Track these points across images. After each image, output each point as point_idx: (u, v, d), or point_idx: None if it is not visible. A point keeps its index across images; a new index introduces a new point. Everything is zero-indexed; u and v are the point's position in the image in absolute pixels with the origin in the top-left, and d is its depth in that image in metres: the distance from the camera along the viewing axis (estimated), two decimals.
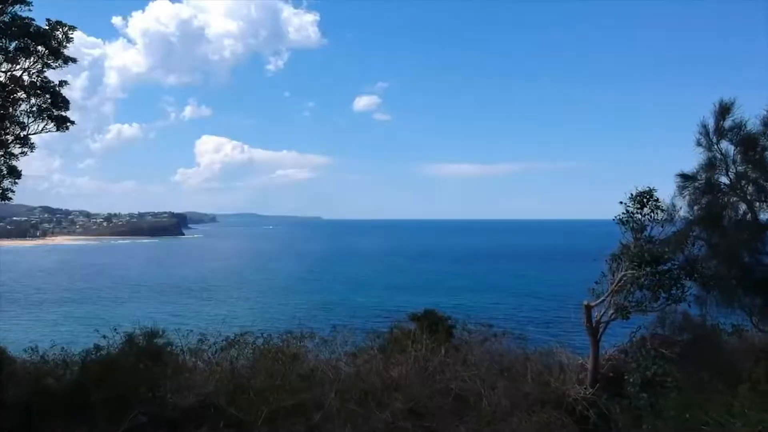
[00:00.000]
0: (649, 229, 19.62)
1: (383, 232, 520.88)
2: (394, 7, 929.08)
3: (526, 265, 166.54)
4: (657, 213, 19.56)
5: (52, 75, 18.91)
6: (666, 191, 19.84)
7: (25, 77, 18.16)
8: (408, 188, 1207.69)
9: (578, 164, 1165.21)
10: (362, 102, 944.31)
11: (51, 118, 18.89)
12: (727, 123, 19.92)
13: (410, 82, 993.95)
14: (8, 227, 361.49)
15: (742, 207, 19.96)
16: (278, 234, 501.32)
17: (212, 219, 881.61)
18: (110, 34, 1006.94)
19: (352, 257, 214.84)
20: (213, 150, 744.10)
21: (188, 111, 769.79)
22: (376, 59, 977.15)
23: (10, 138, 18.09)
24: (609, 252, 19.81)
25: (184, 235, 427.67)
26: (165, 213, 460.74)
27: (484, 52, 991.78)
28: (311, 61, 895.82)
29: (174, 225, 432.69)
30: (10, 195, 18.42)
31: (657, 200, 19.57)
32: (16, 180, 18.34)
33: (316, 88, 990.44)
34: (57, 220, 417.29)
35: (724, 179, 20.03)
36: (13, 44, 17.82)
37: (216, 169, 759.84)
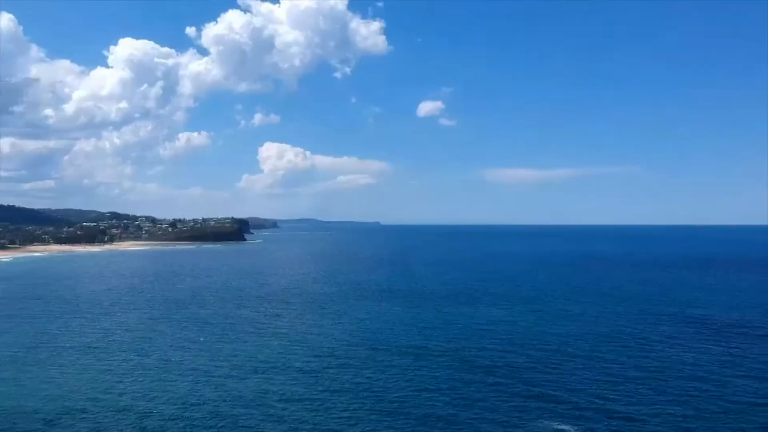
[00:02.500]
0: None
1: (470, 238, 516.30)
2: (458, 12, 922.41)
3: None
4: None
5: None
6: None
7: None
8: (467, 193, 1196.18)
9: (636, 169, 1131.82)
10: (426, 107, 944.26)
11: None
12: None
13: (475, 86, 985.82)
14: (78, 232, 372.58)
15: None
16: (377, 239, 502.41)
17: (273, 224, 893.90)
18: (183, 44, 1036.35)
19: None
20: (276, 156, 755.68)
21: (257, 118, 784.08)
22: (441, 64, 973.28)
23: None
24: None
25: (245, 240, 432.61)
26: (228, 219, 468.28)
27: (548, 55, 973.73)
28: (377, 67, 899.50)
29: (236, 230, 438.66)
30: None
31: None
32: None
33: (381, 94, 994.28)
34: (124, 226, 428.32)
35: None
36: None
37: (279, 175, 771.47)
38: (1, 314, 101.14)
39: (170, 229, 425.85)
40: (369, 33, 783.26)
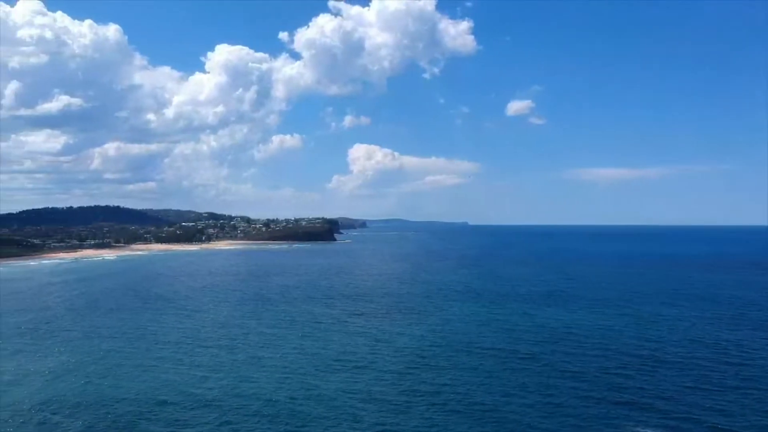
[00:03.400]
0: None
1: (560, 239, 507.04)
2: (548, 9, 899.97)
3: None
4: None
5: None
6: None
7: None
8: (557, 194, 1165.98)
9: (733, 167, 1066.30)
10: (516, 106, 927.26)
11: None
12: None
13: (566, 83, 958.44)
14: (177, 232, 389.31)
15: None
16: (465, 239, 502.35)
17: (362, 224, 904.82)
18: (277, 49, 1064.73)
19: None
20: (365, 157, 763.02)
21: (347, 120, 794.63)
22: (531, 62, 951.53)
23: None
24: None
25: (335, 240, 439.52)
26: (318, 219, 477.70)
27: (641, 53, 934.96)
28: (466, 67, 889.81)
29: (327, 230, 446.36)
30: None
31: None
32: None
33: (470, 93, 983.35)
34: (221, 226, 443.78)
35: None
36: None
37: (368, 176, 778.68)
38: (103, 308, 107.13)
39: (264, 229, 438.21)
40: (458, 33, 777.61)
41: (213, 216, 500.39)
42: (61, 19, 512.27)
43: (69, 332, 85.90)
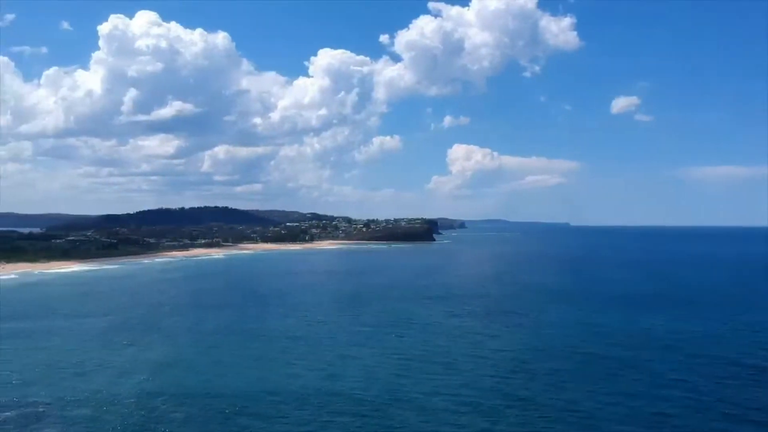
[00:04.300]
0: None
1: (668, 240, 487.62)
2: (654, 4, 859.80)
3: None
4: None
5: None
6: None
7: None
8: (665, 193, 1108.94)
9: None
10: (620, 103, 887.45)
11: None
12: None
13: (675, 79, 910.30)
14: (282, 232, 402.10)
15: None
16: (566, 240, 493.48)
17: (461, 225, 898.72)
18: (377, 51, 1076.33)
19: None
20: (464, 158, 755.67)
21: (447, 121, 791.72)
22: (637, 58, 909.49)
23: None
24: None
25: (434, 240, 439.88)
26: (418, 219, 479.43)
27: (752, 45, 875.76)
28: (568, 64, 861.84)
29: (426, 231, 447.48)
30: None
31: None
32: None
33: (572, 91, 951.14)
34: (323, 226, 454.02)
35: None
36: None
37: (467, 176, 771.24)
38: (207, 305, 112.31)
39: (364, 229, 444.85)
40: (560, 30, 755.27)
41: (316, 216, 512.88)
42: (175, 28, 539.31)
43: (174, 327, 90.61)
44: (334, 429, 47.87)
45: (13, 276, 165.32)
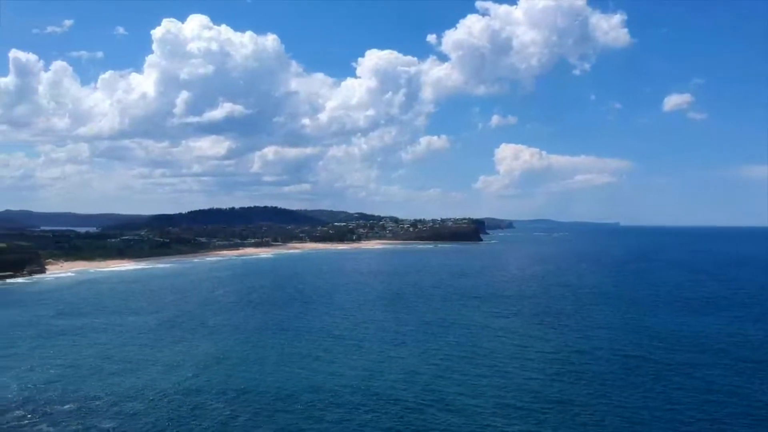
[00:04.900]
0: None
1: (722, 241, 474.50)
2: None
3: None
4: None
5: None
6: None
7: None
8: (719, 193, 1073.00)
9: None
10: (673, 101, 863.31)
11: None
12: None
13: (729, 75, 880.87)
14: (330, 232, 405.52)
15: None
16: (616, 240, 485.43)
17: (509, 225, 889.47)
18: (425, 51, 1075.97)
19: None
20: (512, 157, 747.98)
21: (494, 120, 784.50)
22: (690, 54, 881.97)
23: None
24: None
25: (481, 240, 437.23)
26: (465, 219, 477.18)
27: None
28: (619, 61, 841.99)
29: (473, 231, 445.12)
30: None
31: None
32: None
33: (623, 89, 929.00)
34: (370, 226, 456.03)
35: None
36: None
37: (515, 175, 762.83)
38: (253, 303, 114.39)
39: (411, 229, 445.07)
40: (610, 27, 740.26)
41: (363, 216, 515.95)
42: (225, 31, 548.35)
43: (221, 324, 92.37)
44: (372, 428, 48.14)
45: (70, 274, 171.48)
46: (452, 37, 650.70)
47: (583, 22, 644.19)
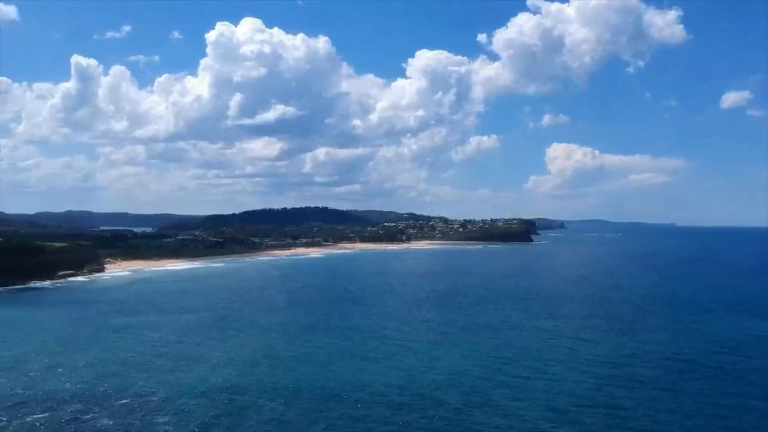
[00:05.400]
0: None
1: None
2: None
3: None
4: None
5: None
6: None
7: None
8: None
9: None
10: (731, 98, 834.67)
11: None
12: None
13: None
14: (380, 232, 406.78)
15: None
16: (672, 241, 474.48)
17: (560, 225, 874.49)
18: (475, 51, 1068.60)
19: None
20: (564, 157, 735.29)
21: (545, 119, 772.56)
22: (749, 50, 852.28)
23: None
24: None
25: (532, 241, 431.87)
26: (515, 219, 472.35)
27: None
28: (675, 58, 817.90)
29: (523, 231, 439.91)
30: None
31: None
32: None
33: (679, 86, 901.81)
34: (420, 226, 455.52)
35: None
36: None
37: (567, 175, 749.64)
38: (303, 302, 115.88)
39: (461, 229, 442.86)
40: (665, 23, 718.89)
41: (413, 216, 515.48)
42: (277, 34, 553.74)
43: (269, 323, 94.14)
44: (417, 429, 48.26)
45: (126, 273, 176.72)
46: (503, 36, 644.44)
47: (637, 19, 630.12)
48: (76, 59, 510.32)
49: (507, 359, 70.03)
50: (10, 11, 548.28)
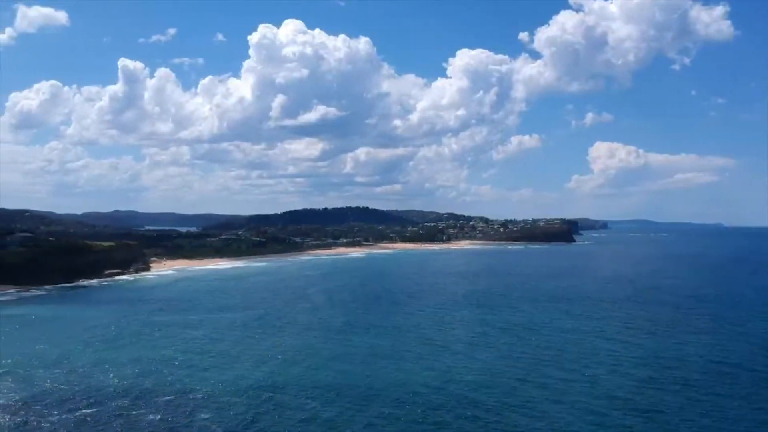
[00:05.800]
0: None
1: None
2: None
3: None
4: None
5: None
6: None
7: None
8: None
9: None
10: None
11: None
12: None
13: None
14: (420, 232, 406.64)
15: None
16: (719, 241, 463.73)
17: (603, 225, 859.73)
18: (516, 49, 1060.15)
19: None
20: (606, 156, 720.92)
21: (588, 118, 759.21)
22: None
23: None
24: None
25: (574, 241, 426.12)
26: (557, 219, 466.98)
27: None
28: (722, 55, 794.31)
29: (565, 231, 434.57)
30: None
31: None
32: None
33: (726, 83, 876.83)
34: (460, 226, 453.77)
35: None
36: None
37: (610, 175, 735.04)
38: (342, 301, 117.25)
39: (501, 229, 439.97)
40: (711, 19, 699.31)
41: (453, 216, 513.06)
42: (319, 35, 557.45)
43: (308, 322, 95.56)
44: (451, 430, 48.44)
45: (171, 271, 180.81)
46: (545, 34, 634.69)
47: (682, 15, 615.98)
48: (123, 62, 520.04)
49: (545, 361, 69.53)
50: (61, 17, 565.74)
